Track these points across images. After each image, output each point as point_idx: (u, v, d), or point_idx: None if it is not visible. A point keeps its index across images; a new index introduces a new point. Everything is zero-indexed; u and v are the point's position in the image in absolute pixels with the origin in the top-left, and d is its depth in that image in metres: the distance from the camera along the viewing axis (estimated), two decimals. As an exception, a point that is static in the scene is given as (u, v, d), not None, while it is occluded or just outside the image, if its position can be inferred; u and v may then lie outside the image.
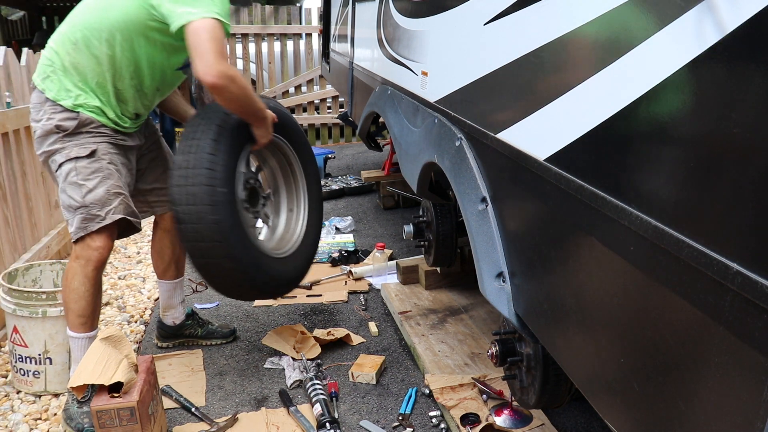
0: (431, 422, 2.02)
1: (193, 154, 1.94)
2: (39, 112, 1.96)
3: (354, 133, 6.90)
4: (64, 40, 1.95)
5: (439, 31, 1.88)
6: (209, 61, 1.79)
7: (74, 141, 1.95)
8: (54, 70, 1.95)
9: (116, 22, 1.90)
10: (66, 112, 1.94)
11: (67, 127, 1.94)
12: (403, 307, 2.78)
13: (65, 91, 1.94)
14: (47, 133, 1.95)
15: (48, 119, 1.94)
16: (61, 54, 1.94)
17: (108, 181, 1.98)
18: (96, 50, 1.92)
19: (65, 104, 1.94)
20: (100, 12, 1.93)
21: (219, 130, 1.99)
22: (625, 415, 0.99)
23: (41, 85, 1.96)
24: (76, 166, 1.94)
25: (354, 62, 3.55)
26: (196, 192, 1.91)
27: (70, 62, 1.94)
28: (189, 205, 1.90)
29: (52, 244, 3.10)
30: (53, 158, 1.97)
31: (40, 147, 1.98)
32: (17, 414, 2.04)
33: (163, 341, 2.52)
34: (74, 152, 1.94)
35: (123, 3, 1.90)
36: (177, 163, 1.93)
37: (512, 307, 1.40)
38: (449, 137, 1.71)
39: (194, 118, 2.04)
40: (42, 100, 1.96)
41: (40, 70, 1.98)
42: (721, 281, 0.71)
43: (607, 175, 0.96)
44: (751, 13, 0.67)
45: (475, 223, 1.52)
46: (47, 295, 2.10)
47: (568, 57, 1.09)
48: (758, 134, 0.67)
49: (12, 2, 7.04)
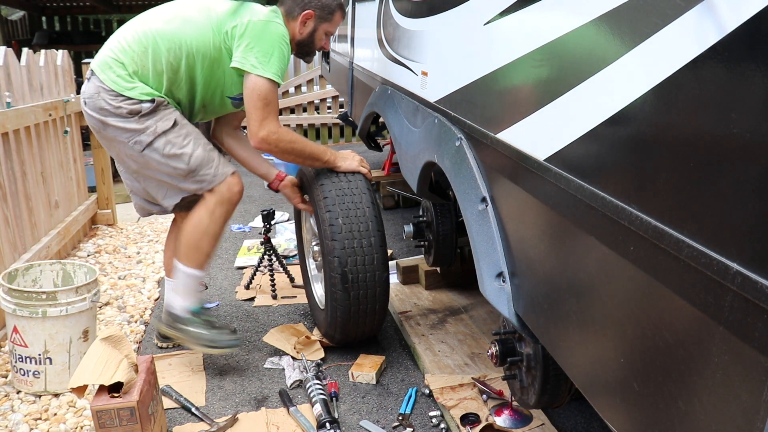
0: (431, 422, 2.02)
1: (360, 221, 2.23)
2: (105, 101, 2.07)
3: (354, 133, 6.91)
4: (136, 41, 2.09)
5: (439, 31, 1.88)
6: (253, 128, 2.11)
7: (153, 118, 2.08)
8: (121, 65, 2.08)
9: (190, 39, 2.09)
10: (132, 100, 2.07)
11: (141, 110, 2.07)
12: (403, 307, 2.78)
13: (131, 84, 2.08)
14: (119, 116, 2.07)
15: (117, 107, 2.06)
16: (129, 53, 2.08)
17: (200, 140, 2.16)
18: (163, 59, 2.08)
19: (131, 94, 2.07)
20: (178, 26, 2.10)
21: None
22: (625, 415, 0.99)
23: (103, 75, 2.08)
24: (168, 139, 2.09)
25: (354, 62, 3.55)
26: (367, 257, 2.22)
27: (138, 63, 2.08)
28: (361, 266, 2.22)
29: (52, 244, 3.10)
30: (136, 140, 2.08)
31: (114, 125, 2.09)
32: (17, 414, 2.04)
33: (163, 341, 2.50)
34: (160, 127, 2.08)
35: (201, 24, 2.10)
36: (337, 227, 2.19)
37: (512, 307, 1.40)
38: (449, 137, 1.71)
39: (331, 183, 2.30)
40: (106, 90, 2.07)
41: (106, 62, 2.09)
42: (721, 281, 0.71)
43: (606, 174, 0.96)
44: (751, 13, 0.67)
45: (475, 223, 1.52)
46: (47, 295, 2.10)
47: (568, 57, 1.09)
48: (758, 134, 0.67)
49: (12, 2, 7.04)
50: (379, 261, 2.23)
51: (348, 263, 2.18)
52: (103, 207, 4.09)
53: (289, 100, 6.91)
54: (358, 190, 2.29)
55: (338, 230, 2.19)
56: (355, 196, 2.26)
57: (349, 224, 2.20)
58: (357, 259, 2.19)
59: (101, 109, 2.08)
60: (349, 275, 2.19)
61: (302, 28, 2.24)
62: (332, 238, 2.19)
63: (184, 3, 2.21)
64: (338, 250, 2.18)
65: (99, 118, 2.10)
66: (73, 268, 2.44)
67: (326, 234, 2.21)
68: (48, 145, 3.25)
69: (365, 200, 2.27)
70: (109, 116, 2.08)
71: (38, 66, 3.19)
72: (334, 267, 2.18)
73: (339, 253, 2.18)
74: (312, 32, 2.26)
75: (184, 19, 2.12)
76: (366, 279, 2.21)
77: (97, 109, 2.09)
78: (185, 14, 2.14)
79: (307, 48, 2.31)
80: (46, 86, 3.29)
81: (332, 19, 2.25)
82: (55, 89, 3.44)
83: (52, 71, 3.41)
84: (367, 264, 2.20)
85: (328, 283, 2.24)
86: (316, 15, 2.22)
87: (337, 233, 2.18)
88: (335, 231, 2.18)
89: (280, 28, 2.12)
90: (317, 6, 2.21)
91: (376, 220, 2.26)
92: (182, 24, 2.11)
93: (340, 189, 2.27)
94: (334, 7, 2.24)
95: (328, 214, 2.21)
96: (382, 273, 2.24)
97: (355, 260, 2.19)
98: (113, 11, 7.94)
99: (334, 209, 2.22)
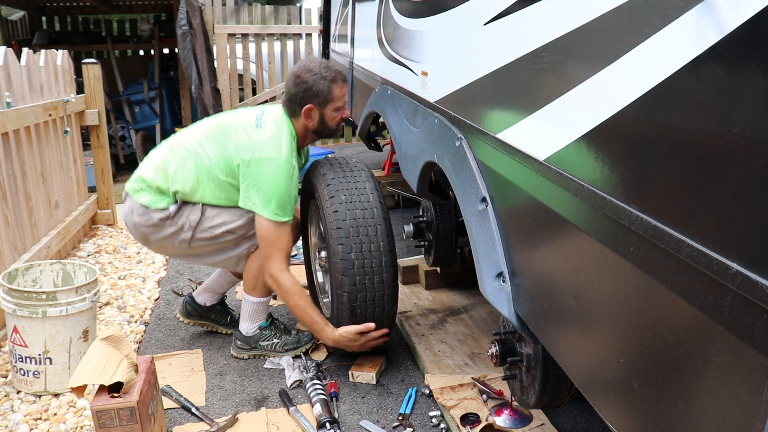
0: (431, 422, 2.02)
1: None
2: (142, 216, 2.27)
3: (354, 133, 6.90)
4: (159, 168, 2.27)
5: (439, 31, 1.88)
6: (263, 264, 2.24)
7: (183, 215, 2.26)
8: (145, 187, 2.28)
9: (209, 164, 2.23)
10: (159, 210, 2.26)
11: (170, 214, 2.26)
12: (403, 307, 2.78)
13: (156, 198, 2.27)
14: (155, 226, 2.27)
15: (148, 218, 2.26)
16: (156, 179, 2.26)
17: (230, 209, 2.29)
18: (179, 183, 2.25)
19: (158, 206, 2.26)
20: (194, 157, 2.25)
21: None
22: (625, 415, 0.99)
23: (135, 196, 2.28)
24: (204, 226, 2.27)
25: (354, 62, 3.55)
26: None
27: (162, 179, 2.26)
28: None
29: (52, 244, 3.10)
30: (180, 239, 2.28)
31: (155, 235, 2.29)
32: (17, 414, 2.04)
33: (186, 317, 2.58)
34: (192, 220, 2.26)
35: (218, 153, 2.23)
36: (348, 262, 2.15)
37: (512, 307, 1.40)
38: (449, 137, 1.71)
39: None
40: (137, 207, 2.27)
41: (133, 185, 2.31)
42: (721, 281, 0.71)
43: (606, 174, 0.96)
44: (751, 13, 0.67)
45: (475, 223, 1.52)
46: (47, 295, 2.10)
47: (568, 57, 1.09)
48: (758, 134, 0.67)
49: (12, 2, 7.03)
50: (388, 267, 2.19)
51: (355, 266, 2.14)
52: (103, 207, 4.09)
53: (289, 100, 6.90)
54: (365, 190, 2.26)
55: (345, 233, 2.15)
56: (362, 195, 2.24)
57: (357, 227, 2.16)
58: (365, 274, 2.15)
59: (137, 225, 2.28)
60: (358, 292, 2.15)
61: (309, 120, 2.29)
62: (339, 242, 2.15)
63: (212, 126, 2.33)
64: (344, 260, 2.14)
65: (140, 233, 2.31)
66: (73, 268, 2.44)
67: (332, 236, 2.17)
68: (48, 145, 3.25)
69: (373, 199, 2.24)
70: (146, 229, 2.28)
71: (38, 66, 3.19)
72: (338, 269, 2.14)
73: (346, 272, 2.14)
74: (320, 119, 2.30)
75: (197, 152, 2.26)
76: (374, 282, 2.16)
77: (134, 225, 2.29)
78: (209, 139, 2.28)
79: (324, 132, 2.36)
80: (46, 86, 3.29)
81: (332, 97, 2.28)
82: (55, 89, 3.44)
83: (52, 71, 3.41)
84: (375, 267, 2.15)
85: (334, 286, 2.21)
86: (315, 105, 2.27)
87: (343, 236, 2.15)
88: (342, 234, 2.15)
89: (279, 164, 2.17)
90: (312, 96, 2.25)
91: (385, 222, 2.21)
92: (198, 158, 2.25)
93: (347, 189, 2.24)
94: (328, 87, 2.26)
95: (334, 213, 2.18)
96: (390, 277, 2.19)
97: (363, 274, 2.14)
98: (113, 11, 7.93)
99: (341, 209, 2.18)
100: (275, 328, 2.46)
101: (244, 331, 2.43)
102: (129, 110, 6.74)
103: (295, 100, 2.25)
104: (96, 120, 3.90)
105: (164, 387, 2.17)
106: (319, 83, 2.22)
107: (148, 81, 6.72)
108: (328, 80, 2.23)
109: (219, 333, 2.63)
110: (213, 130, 2.30)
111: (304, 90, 2.22)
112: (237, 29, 6.43)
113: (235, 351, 2.45)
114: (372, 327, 2.19)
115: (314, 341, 2.46)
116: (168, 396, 2.14)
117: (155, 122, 6.61)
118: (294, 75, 2.25)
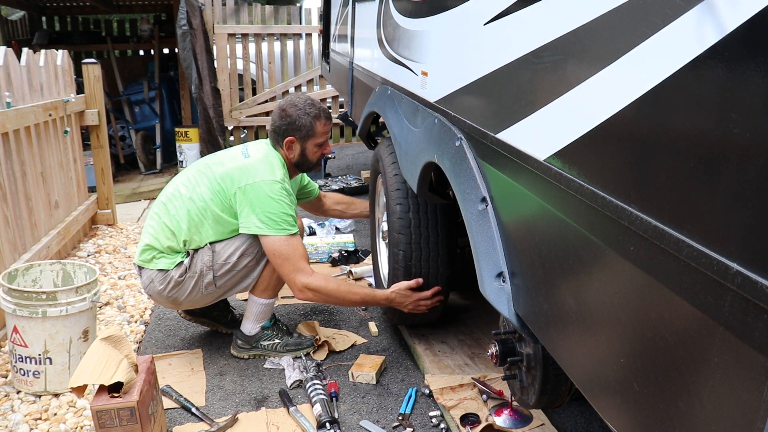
0: (431, 422, 2.02)
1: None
2: (163, 282, 2.28)
3: (354, 133, 6.91)
4: (161, 229, 2.28)
5: (439, 31, 1.88)
6: (289, 284, 2.23)
7: (197, 262, 2.27)
8: (157, 254, 2.29)
9: (199, 211, 2.25)
10: (174, 269, 2.28)
11: (185, 267, 2.27)
12: (403, 307, 2.78)
13: (170, 260, 2.28)
14: (178, 284, 2.27)
15: (168, 281, 2.27)
16: (162, 240, 2.28)
17: (237, 236, 2.29)
18: (183, 233, 2.27)
19: (177, 264, 2.28)
20: (186, 203, 2.26)
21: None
22: (625, 415, 0.99)
23: (150, 265, 2.30)
24: (220, 263, 2.26)
25: (354, 62, 3.55)
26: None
27: (169, 245, 2.27)
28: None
29: (52, 244, 3.10)
30: (204, 284, 2.28)
31: (182, 293, 2.29)
32: (17, 414, 2.04)
33: (188, 315, 2.58)
34: (206, 261, 2.26)
35: (208, 192, 2.25)
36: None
37: (512, 307, 1.40)
38: (449, 137, 1.71)
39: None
40: (153, 274, 2.29)
41: (143, 256, 2.31)
42: (721, 281, 0.71)
43: (606, 174, 0.96)
44: (751, 13, 0.67)
45: (475, 223, 1.52)
46: (47, 295, 2.10)
47: (567, 57, 1.09)
48: (758, 134, 0.67)
49: (12, 2, 7.03)
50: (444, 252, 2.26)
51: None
52: (103, 207, 4.09)
53: (289, 100, 6.90)
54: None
55: (404, 194, 2.22)
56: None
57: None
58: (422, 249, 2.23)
59: (161, 293, 2.29)
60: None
61: (290, 152, 2.36)
62: (398, 202, 2.24)
63: (200, 168, 2.35)
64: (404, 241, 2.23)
65: (167, 299, 2.32)
66: (73, 268, 2.44)
67: (391, 197, 2.26)
68: (48, 145, 3.25)
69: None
70: (172, 292, 2.28)
71: (38, 66, 3.19)
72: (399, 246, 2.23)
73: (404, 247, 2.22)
74: (301, 152, 2.37)
75: (189, 197, 2.28)
76: (429, 242, 2.23)
77: (159, 294, 2.30)
78: (198, 181, 2.30)
79: (304, 166, 2.42)
80: (46, 86, 3.29)
81: (314, 133, 2.34)
82: (55, 89, 3.44)
83: (52, 71, 3.41)
84: (431, 227, 2.23)
85: (392, 245, 2.28)
86: (297, 138, 2.33)
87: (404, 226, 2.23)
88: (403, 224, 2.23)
89: (274, 184, 2.21)
90: (294, 129, 2.31)
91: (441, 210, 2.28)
92: (190, 202, 2.27)
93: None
94: (311, 123, 2.32)
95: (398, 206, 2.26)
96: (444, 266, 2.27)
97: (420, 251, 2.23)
98: (113, 11, 7.94)
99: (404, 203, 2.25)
100: (277, 328, 2.46)
101: (247, 330, 2.43)
102: (129, 110, 6.74)
103: (279, 132, 2.34)
104: (96, 120, 3.90)
105: (164, 387, 2.17)
106: (303, 118, 2.31)
107: (148, 81, 6.72)
108: (311, 116, 2.32)
109: (219, 333, 2.63)
110: (200, 171, 2.33)
111: (288, 123, 2.31)
112: (237, 29, 6.44)
113: (236, 350, 2.45)
114: (422, 282, 2.27)
115: (315, 345, 2.46)
116: (168, 396, 2.14)
117: (155, 122, 6.61)
118: (280, 108, 2.34)
